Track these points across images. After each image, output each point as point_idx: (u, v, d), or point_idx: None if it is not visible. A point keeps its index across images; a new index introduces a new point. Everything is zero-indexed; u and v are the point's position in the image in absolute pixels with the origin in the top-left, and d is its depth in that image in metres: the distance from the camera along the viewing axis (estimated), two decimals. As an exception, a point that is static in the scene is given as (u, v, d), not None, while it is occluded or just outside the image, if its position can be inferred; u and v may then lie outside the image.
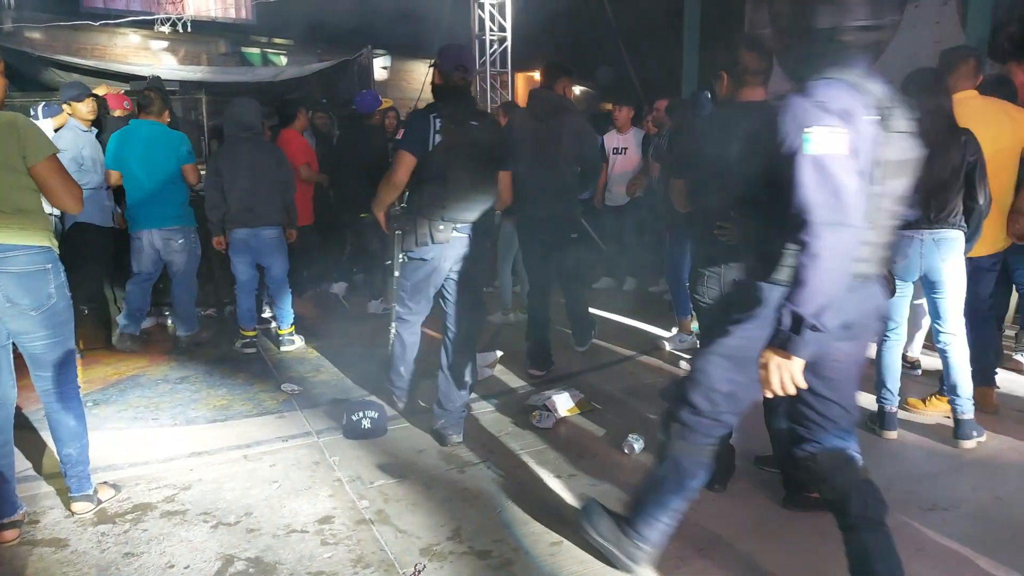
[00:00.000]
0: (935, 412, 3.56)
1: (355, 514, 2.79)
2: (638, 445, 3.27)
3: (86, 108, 4.66)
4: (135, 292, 4.90)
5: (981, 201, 3.02)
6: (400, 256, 3.58)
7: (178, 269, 4.91)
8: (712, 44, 9.20)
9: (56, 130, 4.75)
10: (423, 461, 3.24)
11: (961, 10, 7.92)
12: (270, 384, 4.27)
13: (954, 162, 3.01)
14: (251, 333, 4.98)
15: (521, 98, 15.58)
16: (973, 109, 3.21)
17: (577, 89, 14.54)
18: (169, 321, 5.38)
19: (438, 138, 3.19)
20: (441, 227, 3.25)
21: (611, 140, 6.42)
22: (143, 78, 6.47)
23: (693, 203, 2.78)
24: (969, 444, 3.25)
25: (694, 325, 4.63)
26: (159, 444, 3.47)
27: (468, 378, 3.47)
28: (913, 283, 3.27)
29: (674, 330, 4.97)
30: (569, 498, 2.89)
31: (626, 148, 6.34)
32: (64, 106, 4.77)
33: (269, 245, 4.83)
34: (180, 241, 4.84)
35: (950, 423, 3.36)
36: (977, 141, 3.01)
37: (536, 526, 2.69)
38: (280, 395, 4.10)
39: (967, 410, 3.26)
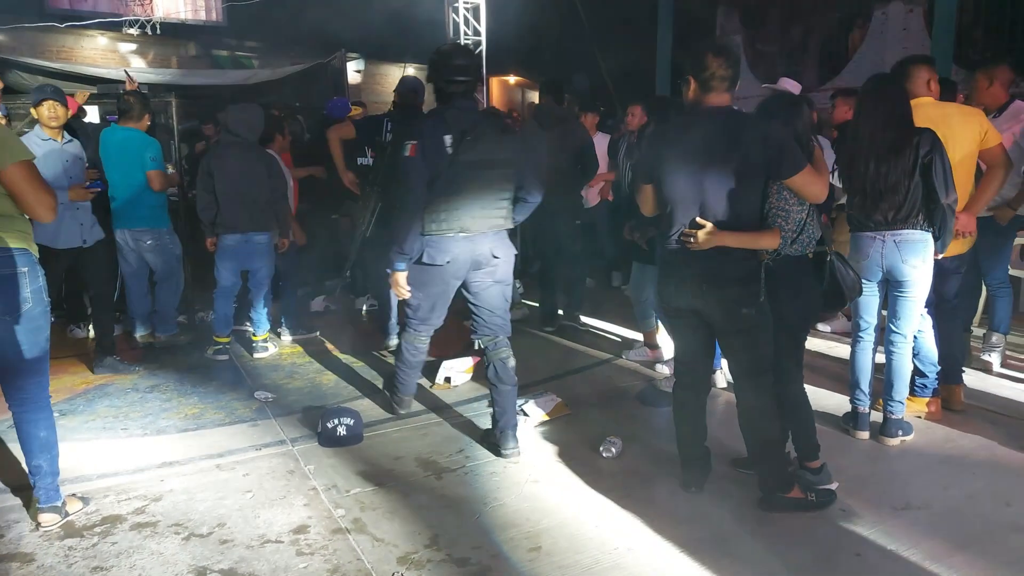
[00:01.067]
0: (908, 412, 3.56)
1: (331, 523, 2.75)
2: (616, 448, 3.27)
3: (47, 112, 4.45)
4: (128, 295, 5.06)
5: (943, 200, 3.05)
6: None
7: (155, 269, 5.00)
8: (685, 49, 9.29)
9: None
10: (400, 468, 3.21)
11: (927, 18, 8.10)
12: (243, 392, 4.20)
13: (904, 164, 3.03)
14: (225, 340, 4.91)
15: (495, 102, 15.60)
16: (927, 116, 3.23)
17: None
18: (137, 329, 5.27)
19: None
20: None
21: None
22: (114, 81, 6.34)
23: (660, 208, 2.79)
24: (894, 442, 3.32)
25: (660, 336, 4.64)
26: (128, 454, 3.40)
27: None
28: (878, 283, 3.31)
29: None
30: (546, 503, 2.88)
31: None
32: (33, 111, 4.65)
33: (258, 250, 4.79)
34: (149, 242, 4.89)
35: (919, 422, 3.42)
36: (934, 140, 3.02)
37: (514, 531, 2.67)
38: (253, 403, 4.04)
39: (897, 411, 3.33)
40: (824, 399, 3.80)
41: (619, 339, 5.20)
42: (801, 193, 2.60)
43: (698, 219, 2.59)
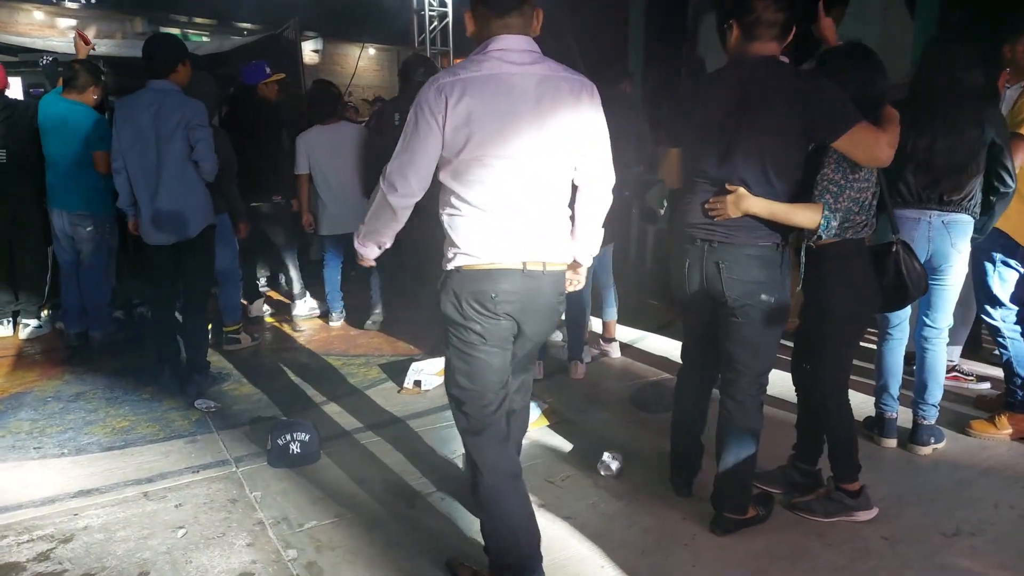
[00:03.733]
0: (1002, 434, 3.09)
1: (280, 569, 2.26)
2: (615, 465, 2.84)
3: None
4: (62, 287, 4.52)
5: (1007, 187, 2.70)
6: None
7: (84, 259, 4.40)
8: (657, 27, 8.88)
9: None
10: (364, 494, 2.73)
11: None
12: (182, 400, 3.66)
13: (970, 142, 2.67)
14: (234, 327, 4.54)
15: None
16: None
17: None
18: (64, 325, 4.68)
19: None
20: None
21: None
22: (36, 51, 5.67)
23: (685, 177, 2.36)
24: (926, 451, 2.97)
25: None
26: (39, 481, 2.86)
27: None
28: None
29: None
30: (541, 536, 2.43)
31: None
32: None
33: (222, 234, 4.25)
34: (88, 228, 4.33)
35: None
36: (1003, 118, 2.67)
37: None
38: (193, 413, 3.51)
39: (930, 416, 2.97)
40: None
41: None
42: (853, 156, 2.17)
43: (727, 185, 2.17)
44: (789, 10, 2.13)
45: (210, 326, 4.25)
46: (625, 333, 4.74)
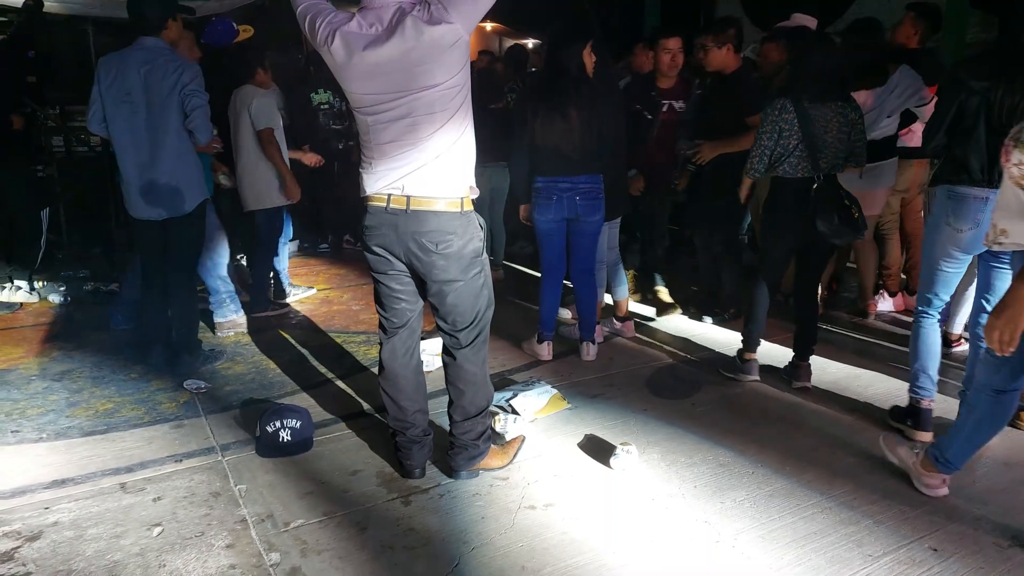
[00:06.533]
0: None
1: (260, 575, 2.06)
2: (629, 458, 2.60)
3: None
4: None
5: None
6: None
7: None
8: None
9: None
10: (357, 488, 2.52)
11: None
12: (171, 380, 3.46)
13: None
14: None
15: (472, 50, 14.61)
16: None
17: (530, 42, 13.67)
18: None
19: None
20: None
21: None
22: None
23: None
24: None
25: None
26: (13, 469, 2.66)
27: None
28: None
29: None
30: (547, 539, 2.21)
31: None
32: None
33: None
34: None
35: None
36: None
37: (505, 587, 2.01)
38: (182, 395, 3.31)
39: None
40: (867, 385, 3.17)
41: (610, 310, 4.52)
42: None
43: None
44: None
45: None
46: (639, 311, 4.49)
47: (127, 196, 3.41)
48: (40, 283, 4.84)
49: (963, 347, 3.54)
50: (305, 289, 4.93)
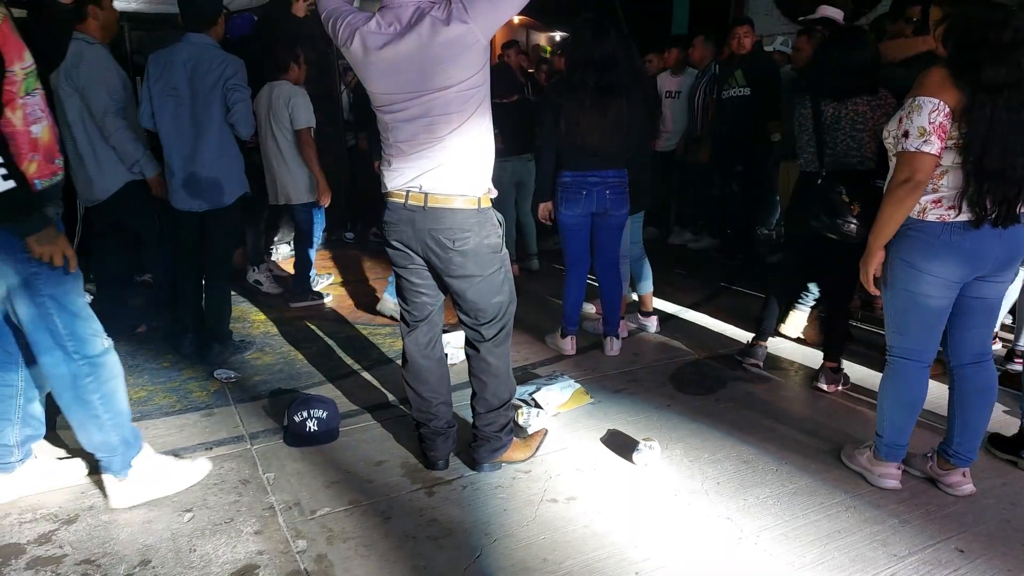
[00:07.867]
0: None
1: (287, 562, 2.10)
2: (652, 454, 2.61)
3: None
4: None
5: None
6: None
7: None
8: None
9: None
10: (382, 478, 2.56)
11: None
12: (202, 370, 3.54)
13: None
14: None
15: (497, 43, 14.59)
16: None
17: (557, 35, 13.62)
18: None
19: None
20: None
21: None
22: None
23: None
24: None
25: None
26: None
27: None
28: None
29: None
30: (569, 533, 2.23)
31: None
32: None
33: None
34: None
35: None
36: None
37: (526, 578, 2.03)
38: (212, 384, 3.38)
39: None
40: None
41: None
42: None
43: None
44: None
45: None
46: (663, 307, 4.48)
47: (170, 188, 3.49)
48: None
49: None
50: (326, 277, 5.01)
